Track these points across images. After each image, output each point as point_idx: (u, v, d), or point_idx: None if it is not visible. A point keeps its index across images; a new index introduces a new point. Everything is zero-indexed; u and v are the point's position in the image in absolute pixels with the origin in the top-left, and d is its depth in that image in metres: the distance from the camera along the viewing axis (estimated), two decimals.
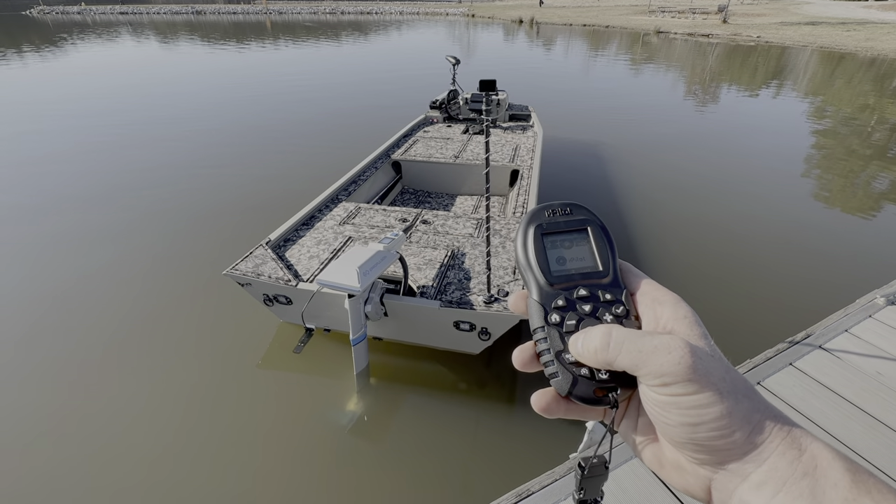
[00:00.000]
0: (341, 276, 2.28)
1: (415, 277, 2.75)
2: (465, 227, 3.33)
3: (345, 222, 3.35)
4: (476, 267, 2.84)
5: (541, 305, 0.37)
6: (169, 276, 3.86)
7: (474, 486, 2.26)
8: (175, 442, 2.45)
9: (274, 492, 2.23)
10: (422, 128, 5.72)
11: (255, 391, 2.77)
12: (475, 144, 5.07)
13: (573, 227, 0.40)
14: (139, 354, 3.02)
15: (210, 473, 2.31)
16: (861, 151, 7.13)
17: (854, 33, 22.39)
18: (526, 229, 0.40)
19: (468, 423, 2.61)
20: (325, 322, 2.84)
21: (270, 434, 2.50)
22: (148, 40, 23.05)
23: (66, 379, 2.83)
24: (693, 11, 32.80)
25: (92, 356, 3.00)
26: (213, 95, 10.77)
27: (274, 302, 2.80)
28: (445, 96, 6.06)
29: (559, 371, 0.35)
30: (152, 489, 2.23)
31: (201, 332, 3.22)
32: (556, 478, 1.84)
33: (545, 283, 0.37)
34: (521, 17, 36.91)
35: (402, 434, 2.55)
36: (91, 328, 3.24)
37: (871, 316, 2.73)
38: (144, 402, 2.68)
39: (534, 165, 4.50)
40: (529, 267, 0.38)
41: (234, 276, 2.67)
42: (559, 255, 0.39)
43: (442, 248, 3.04)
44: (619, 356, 0.32)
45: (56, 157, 6.51)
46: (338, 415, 2.64)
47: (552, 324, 0.36)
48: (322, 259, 2.89)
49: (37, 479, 2.26)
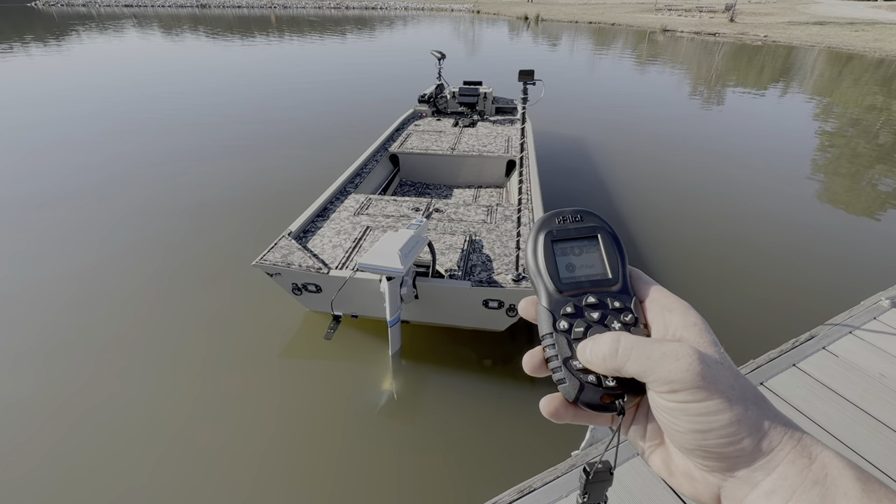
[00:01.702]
0: (382, 260, 2.37)
1: (439, 262, 2.85)
2: (476, 214, 3.47)
3: (359, 213, 3.44)
4: (496, 249, 3.00)
5: (549, 312, 0.37)
6: (191, 267, 3.90)
7: (475, 483, 2.27)
8: (203, 431, 2.49)
9: (307, 473, 2.29)
10: (412, 122, 5.79)
11: (285, 379, 2.84)
12: (468, 136, 5.20)
13: (583, 234, 0.40)
14: (165, 344, 3.06)
15: (247, 455, 2.36)
16: (867, 153, 7.09)
17: (862, 34, 22.20)
18: (536, 236, 0.40)
19: (490, 400, 2.72)
20: (353, 308, 2.93)
21: (307, 420, 2.57)
22: (167, 34, 23.03)
23: (94, 367, 2.86)
24: (700, 10, 32.56)
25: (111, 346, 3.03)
26: (218, 91, 10.77)
27: (303, 291, 2.87)
28: (433, 90, 6.15)
29: (567, 377, 0.35)
30: (189, 473, 2.27)
31: (228, 323, 3.26)
32: (557, 475, 1.84)
33: (554, 290, 0.38)
34: (527, 13, 36.71)
35: (426, 415, 2.66)
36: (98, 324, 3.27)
37: (875, 318, 2.72)
38: (181, 388, 2.73)
39: (529, 155, 4.54)
40: (539, 273, 0.38)
41: (264, 266, 2.73)
42: (569, 262, 0.39)
43: (459, 234, 3.19)
44: (628, 363, 0.32)
45: (78, 144, 6.55)
46: (374, 395, 2.74)
47: (560, 330, 0.36)
48: (345, 248, 2.98)
49: (73, 458, 2.30)
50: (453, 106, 6.11)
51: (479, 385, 2.82)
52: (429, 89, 6.21)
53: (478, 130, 5.47)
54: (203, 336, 3.14)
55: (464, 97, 5.95)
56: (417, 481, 2.27)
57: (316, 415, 2.60)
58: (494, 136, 5.29)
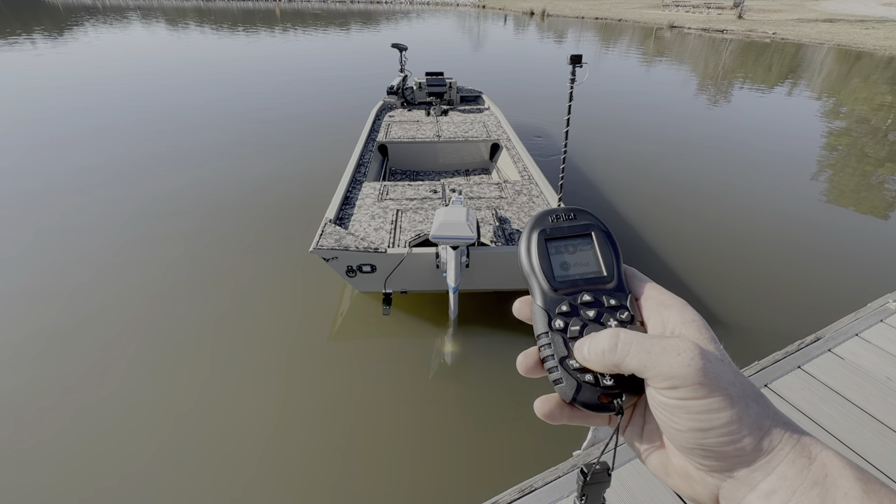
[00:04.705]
0: (454, 230, 2.57)
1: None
2: (491, 192, 3.73)
3: (382, 199, 3.60)
4: (522, 219, 3.32)
5: (545, 311, 0.37)
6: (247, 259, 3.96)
7: (478, 481, 2.27)
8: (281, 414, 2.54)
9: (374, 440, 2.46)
10: (385, 113, 5.89)
11: (343, 359, 2.96)
12: (446, 124, 5.40)
13: (577, 232, 0.40)
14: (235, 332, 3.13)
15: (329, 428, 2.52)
16: (876, 153, 7.01)
17: (873, 31, 21.91)
18: (530, 234, 0.40)
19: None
20: (404, 284, 3.12)
21: (381, 392, 2.74)
22: (187, 27, 23.01)
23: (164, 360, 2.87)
24: (708, 6, 32.18)
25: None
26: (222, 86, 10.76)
27: (357, 272, 2.99)
28: (399, 82, 6.25)
29: (563, 377, 0.35)
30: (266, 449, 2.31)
31: (288, 313, 3.36)
32: (559, 475, 1.83)
33: (549, 289, 0.37)
34: (533, 8, 36.43)
35: (471, 378, 2.90)
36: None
37: (882, 320, 2.69)
38: (260, 375, 2.79)
39: (511, 137, 4.94)
40: (533, 272, 0.38)
41: (321, 251, 2.85)
42: (563, 260, 0.39)
43: (484, 209, 3.43)
44: (627, 357, 0.31)
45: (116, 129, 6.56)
46: (439, 357, 2.99)
47: (556, 329, 0.36)
48: (387, 230, 3.18)
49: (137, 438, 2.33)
50: (420, 96, 6.27)
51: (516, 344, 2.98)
52: (395, 81, 6.30)
53: (452, 118, 5.67)
54: (270, 324, 3.24)
55: (432, 87, 6.15)
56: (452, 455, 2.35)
57: (386, 390, 2.76)
58: (471, 122, 5.50)
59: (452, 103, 6.24)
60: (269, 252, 4.03)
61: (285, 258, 3.92)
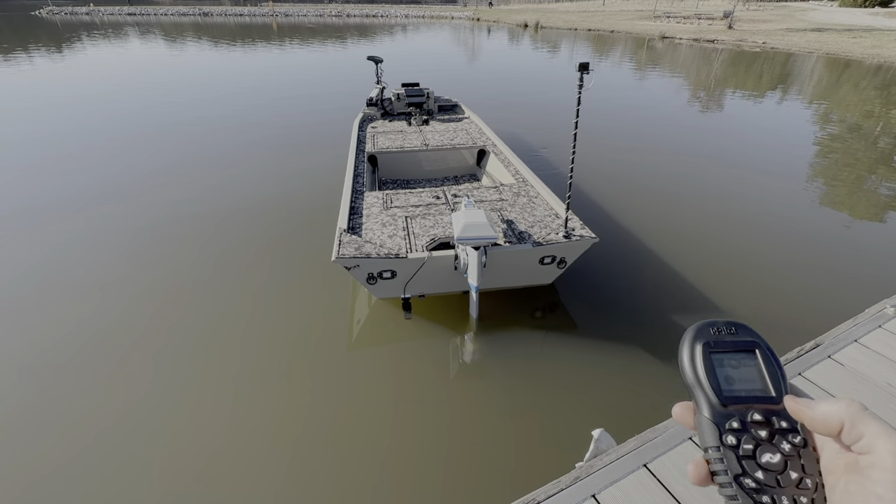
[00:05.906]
0: (477, 231, 2.68)
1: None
2: (491, 195, 3.83)
3: (388, 207, 3.67)
4: (526, 219, 3.44)
5: (714, 425, 0.37)
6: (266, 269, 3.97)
7: (483, 483, 2.24)
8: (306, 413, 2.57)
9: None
10: (367, 124, 5.98)
11: (370, 365, 3.00)
12: (430, 133, 5.51)
13: (740, 347, 0.40)
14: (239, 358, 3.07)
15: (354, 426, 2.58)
16: (868, 157, 7.09)
17: (860, 40, 22.30)
18: (692, 345, 0.40)
19: (534, 348, 3.14)
20: (422, 288, 3.19)
21: (411, 392, 2.80)
22: (184, 43, 23.19)
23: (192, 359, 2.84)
24: (698, 17, 32.69)
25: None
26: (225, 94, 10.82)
27: (378, 279, 3.03)
28: (378, 93, 6.32)
29: (738, 494, 0.35)
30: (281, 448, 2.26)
31: (306, 322, 3.38)
32: (561, 487, 1.82)
33: (717, 403, 0.37)
34: (527, 21, 36.95)
35: (494, 373, 2.96)
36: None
37: (880, 326, 2.70)
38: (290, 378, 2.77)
39: (496, 142, 5.13)
40: (699, 384, 0.38)
41: (343, 260, 2.87)
42: (727, 374, 0.39)
43: (489, 212, 3.51)
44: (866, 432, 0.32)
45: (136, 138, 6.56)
46: (462, 355, 3.08)
47: (728, 445, 0.36)
48: (400, 236, 3.23)
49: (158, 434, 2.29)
50: (399, 107, 6.38)
51: (525, 338, 3.23)
52: (373, 92, 6.40)
53: (434, 127, 5.77)
54: (289, 332, 3.27)
55: (412, 97, 6.30)
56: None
57: (415, 390, 2.83)
58: (453, 130, 5.64)
59: (431, 113, 6.38)
60: (273, 264, 4.03)
61: (288, 270, 3.93)
